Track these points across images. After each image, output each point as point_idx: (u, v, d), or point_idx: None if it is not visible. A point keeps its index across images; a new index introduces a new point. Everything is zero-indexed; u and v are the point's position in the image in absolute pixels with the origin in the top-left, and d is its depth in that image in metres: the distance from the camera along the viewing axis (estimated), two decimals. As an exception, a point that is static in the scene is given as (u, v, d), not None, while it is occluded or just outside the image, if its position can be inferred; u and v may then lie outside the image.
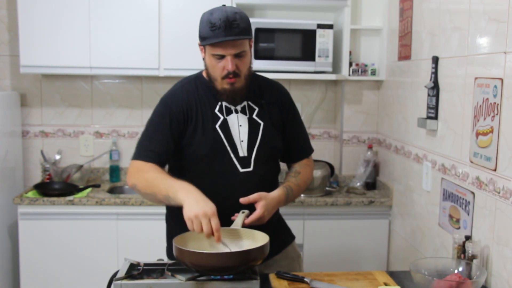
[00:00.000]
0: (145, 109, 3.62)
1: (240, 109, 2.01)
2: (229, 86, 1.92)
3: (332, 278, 1.86)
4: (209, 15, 1.86)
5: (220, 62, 1.88)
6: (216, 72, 1.91)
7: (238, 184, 1.96)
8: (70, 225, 3.12)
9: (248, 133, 1.99)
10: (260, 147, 1.99)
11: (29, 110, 3.58)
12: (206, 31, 1.85)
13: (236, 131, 1.98)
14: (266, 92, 2.07)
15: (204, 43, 1.88)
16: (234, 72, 1.88)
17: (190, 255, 1.60)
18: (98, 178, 3.65)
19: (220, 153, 1.96)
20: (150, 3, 3.22)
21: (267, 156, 2.02)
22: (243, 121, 2.00)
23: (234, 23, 1.82)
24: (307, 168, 2.15)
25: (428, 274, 1.80)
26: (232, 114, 2.00)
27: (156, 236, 3.08)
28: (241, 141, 1.98)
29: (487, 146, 1.99)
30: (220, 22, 1.81)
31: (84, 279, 3.13)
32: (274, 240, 2.00)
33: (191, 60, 3.25)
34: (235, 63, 1.87)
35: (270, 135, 2.02)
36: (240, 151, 1.97)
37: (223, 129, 1.97)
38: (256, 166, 1.98)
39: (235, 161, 1.96)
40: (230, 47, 1.85)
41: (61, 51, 3.20)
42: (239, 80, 1.92)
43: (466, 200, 2.17)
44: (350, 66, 3.40)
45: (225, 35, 1.82)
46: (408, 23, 2.90)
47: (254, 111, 2.02)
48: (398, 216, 3.15)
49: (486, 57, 2.03)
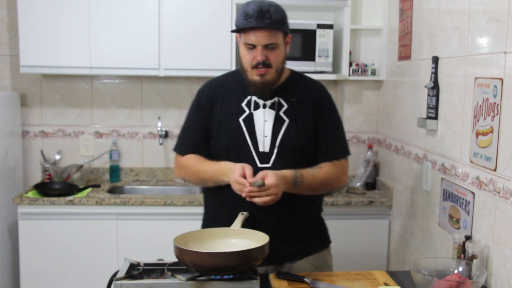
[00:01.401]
0: (145, 109, 3.62)
1: (270, 104, 2.01)
2: (259, 77, 1.93)
3: (332, 278, 1.86)
4: (245, 6, 1.90)
5: (251, 52, 1.91)
6: (246, 62, 1.94)
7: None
8: (70, 225, 3.11)
9: (272, 129, 1.98)
10: (281, 145, 1.97)
11: (29, 110, 3.58)
12: (240, 19, 1.90)
13: (260, 126, 1.98)
14: (300, 90, 2.05)
15: (236, 30, 1.92)
16: (264, 63, 1.90)
17: (190, 255, 1.60)
18: (98, 178, 3.65)
19: (240, 147, 1.97)
20: (150, 3, 3.22)
21: (289, 154, 1.98)
22: (269, 117, 1.99)
23: (267, 13, 1.87)
24: (332, 166, 2.02)
25: (428, 274, 1.80)
26: (260, 109, 2.00)
27: (156, 236, 3.09)
28: (265, 137, 1.98)
29: (487, 146, 1.99)
30: (253, 12, 1.86)
31: (84, 279, 3.12)
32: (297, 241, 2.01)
33: (191, 60, 3.26)
34: (265, 54, 1.90)
35: (292, 133, 1.99)
36: (261, 146, 1.97)
37: (246, 123, 1.98)
38: (276, 163, 1.96)
39: (255, 156, 1.96)
40: (261, 37, 1.88)
41: (61, 51, 3.20)
42: (270, 72, 1.93)
43: (466, 200, 2.17)
44: (350, 66, 3.40)
45: (256, 24, 1.86)
46: (408, 23, 2.90)
47: (282, 108, 2.01)
48: (398, 216, 3.15)
49: (486, 57, 2.03)
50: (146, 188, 3.55)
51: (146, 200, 3.12)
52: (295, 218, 2.02)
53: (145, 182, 3.62)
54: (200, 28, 3.24)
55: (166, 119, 3.63)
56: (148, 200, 3.12)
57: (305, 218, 2.06)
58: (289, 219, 2.00)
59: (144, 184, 3.58)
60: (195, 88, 3.58)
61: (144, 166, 3.67)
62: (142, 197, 3.18)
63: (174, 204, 3.11)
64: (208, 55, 3.26)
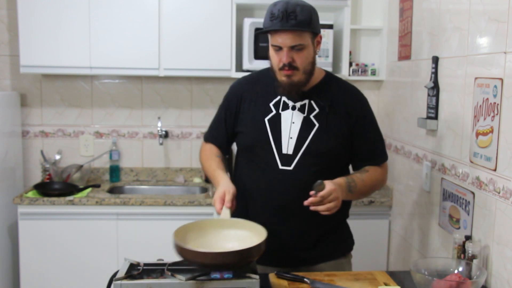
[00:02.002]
0: (145, 109, 3.62)
1: (300, 106, 1.98)
2: (285, 78, 1.90)
3: (332, 278, 1.86)
4: (272, 6, 1.87)
5: (278, 54, 1.89)
6: (274, 63, 1.92)
7: (276, 181, 1.93)
8: (70, 225, 3.12)
9: (299, 131, 1.95)
10: (308, 148, 1.93)
11: (29, 110, 3.58)
12: (267, 20, 1.87)
13: (287, 128, 1.96)
14: (334, 94, 2.00)
15: (262, 31, 1.89)
16: (289, 65, 1.87)
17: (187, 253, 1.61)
18: (98, 178, 3.65)
19: (263, 147, 1.95)
20: (150, 3, 3.22)
21: (314, 159, 1.94)
22: (297, 119, 1.96)
23: (292, 14, 1.81)
24: (377, 169, 2.04)
25: (428, 274, 1.80)
26: (288, 110, 1.97)
27: (156, 236, 3.09)
28: (290, 138, 1.95)
29: (487, 146, 1.99)
30: (278, 13, 1.82)
31: (84, 279, 3.12)
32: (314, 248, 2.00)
33: (191, 60, 3.26)
34: (291, 55, 1.86)
35: (322, 138, 1.94)
36: (284, 147, 1.94)
37: (272, 123, 1.96)
38: (298, 167, 1.93)
39: (277, 156, 1.94)
40: (286, 39, 1.84)
41: (61, 51, 3.21)
42: (297, 74, 1.89)
43: (466, 200, 2.17)
44: (350, 66, 3.40)
45: (281, 26, 1.82)
46: (408, 23, 2.90)
47: (313, 111, 1.97)
48: (398, 216, 3.15)
49: (486, 57, 2.03)
50: (146, 188, 3.55)
51: (146, 200, 3.12)
52: (314, 224, 1.98)
53: (145, 182, 3.62)
54: (200, 28, 3.24)
55: (166, 119, 3.63)
56: (148, 200, 3.12)
57: (325, 224, 2.01)
58: (305, 226, 1.97)
59: (144, 184, 3.58)
60: (195, 88, 3.62)
61: (144, 166, 3.67)
62: (142, 197, 3.18)
63: (174, 204, 3.11)
64: (208, 55, 3.26)
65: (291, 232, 1.94)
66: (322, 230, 2.02)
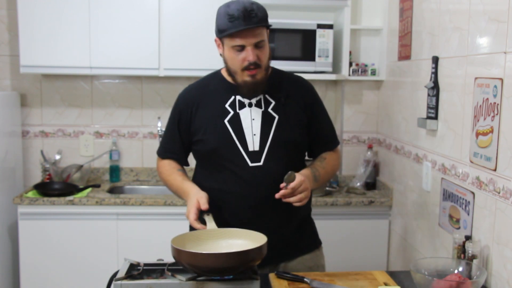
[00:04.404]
0: (145, 109, 3.62)
1: (256, 102, 1.99)
2: (250, 78, 1.91)
3: (332, 278, 1.86)
4: (226, 8, 1.87)
5: (240, 54, 1.88)
6: (236, 65, 1.91)
7: (248, 179, 1.94)
8: (70, 225, 3.12)
9: (261, 126, 1.96)
10: (273, 141, 1.96)
11: (29, 110, 3.58)
12: (224, 23, 1.85)
13: (248, 125, 1.97)
14: (286, 86, 2.04)
15: (224, 34, 1.87)
16: (255, 63, 1.88)
17: (187, 256, 1.60)
18: (98, 178, 3.65)
19: (228, 147, 1.95)
20: (150, 3, 3.22)
21: (282, 151, 1.97)
22: (256, 115, 1.98)
23: (252, 12, 1.84)
24: (332, 155, 2.12)
25: (428, 274, 1.80)
26: (245, 108, 1.98)
27: (156, 236, 3.09)
28: (254, 135, 1.96)
29: (487, 146, 1.99)
30: (238, 13, 1.83)
31: (84, 279, 3.12)
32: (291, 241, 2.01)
33: (191, 60, 3.26)
34: (255, 53, 1.88)
35: (284, 129, 1.98)
36: (250, 145, 1.95)
37: (232, 123, 1.96)
38: (268, 161, 1.95)
39: (245, 155, 1.95)
40: (250, 37, 1.86)
41: (61, 51, 3.21)
42: (260, 71, 1.91)
43: (466, 200, 2.17)
44: (350, 66, 3.40)
45: (245, 25, 1.83)
46: (408, 23, 2.90)
47: (270, 105, 2.00)
48: (398, 216, 3.15)
49: (486, 57, 2.03)
50: (146, 188, 3.55)
51: (146, 200, 3.12)
52: (290, 218, 2.01)
53: (145, 182, 3.62)
54: (200, 28, 3.24)
55: (166, 119, 3.59)
56: (148, 200, 3.12)
57: (298, 217, 2.06)
58: (284, 219, 2.00)
59: (144, 184, 3.58)
60: (195, 88, 3.62)
61: (144, 166, 3.67)
62: (142, 197, 3.18)
63: (174, 204, 3.11)
64: (208, 55, 3.25)
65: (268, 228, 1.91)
66: (296, 223, 2.05)
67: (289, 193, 1.82)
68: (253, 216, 1.95)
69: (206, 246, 1.75)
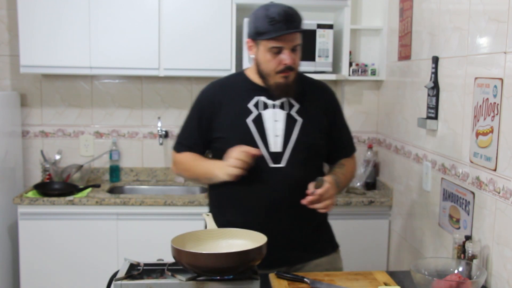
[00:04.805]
0: (145, 109, 3.62)
1: (280, 104, 1.99)
2: (283, 80, 1.92)
3: (332, 278, 1.86)
4: (265, 11, 1.87)
5: (277, 57, 1.89)
6: (270, 67, 1.91)
7: (268, 179, 1.94)
8: (70, 225, 3.12)
9: (284, 128, 1.97)
10: (296, 144, 1.96)
11: (29, 110, 3.58)
12: (264, 25, 1.86)
13: (271, 126, 1.96)
14: (309, 90, 2.06)
15: (265, 37, 1.87)
16: (290, 67, 1.90)
17: (188, 256, 1.60)
18: (98, 178, 3.65)
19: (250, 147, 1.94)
20: (150, 3, 3.22)
21: (303, 154, 1.97)
22: (279, 117, 1.98)
23: (293, 16, 1.88)
24: (351, 162, 2.15)
25: (428, 274, 1.80)
26: (269, 109, 1.98)
27: (156, 236, 3.09)
28: (276, 136, 1.96)
29: (487, 146, 1.99)
30: (279, 16, 1.85)
31: (84, 279, 3.12)
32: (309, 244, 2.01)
33: (191, 60, 3.26)
34: (292, 57, 1.89)
35: (307, 132, 1.98)
36: (272, 146, 1.95)
37: (255, 124, 1.96)
38: (289, 163, 1.95)
39: (267, 156, 1.94)
40: (289, 40, 1.88)
41: (61, 51, 3.21)
42: (293, 75, 1.93)
43: (466, 200, 2.17)
44: (350, 66, 3.40)
45: (287, 28, 1.85)
46: (408, 23, 2.90)
47: (293, 108, 2.00)
48: (398, 216, 3.15)
49: (486, 57, 2.03)
50: (146, 188, 3.55)
51: (146, 200, 3.12)
52: (307, 220, 2.00)
53: (145, 182, 3.62)
54: (200, 28, 3.24)
55: (166, 119, 3.63)
56: (148, 200, 3.12)
57: (315, 220, 2.05)
58: (301, 221, 1.98)
59: (144, 184, 3.59)
60: (195, 88, 3.62)
61: (144, 166, 3.67)
62: (142, 197, 3.18)
63: (174, 204, 3.11)
64: (208, 55, 3.26)
65: (285, 229, 1.94)
66: (313, 226, 2.05)
67: (316, 199, 1.83)
68: (269, 217, 1.94)
69: (206, 246, 1.75)
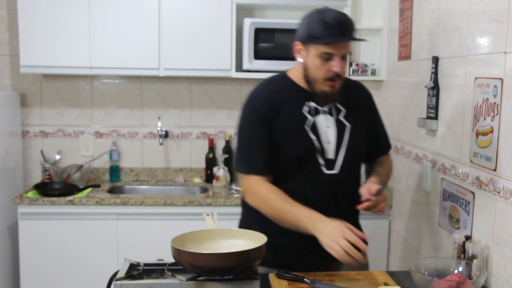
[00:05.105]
0: (145, 109, 3.62)
1: (328, 110, 1.97)
2: (329, 88, 1.89)
3: (332, 278, 1.86)
4: (320, 15, 1.84)
5: (327, 63, 1.86)
6: (319, 73, 1.88)
7: (322, 187, 1.93)
8: (70, 225, 3.12)
9: (335, 135, 1.95)
10: (348, 150, 1.95)
11: (29, 110, 3.58)
12: (319, 30, 1.82)
13: (323, 132, 1.94)
14: (352, 94, 2.04)
15: (319, 41, 1.83)
16: (339, 75, 1.87)
17: (188, 256, 1.60)
18: (98, 178, 3.65)
19: (310, 155, 1.92)
20: (150, 3, 3.22)
21: (353, 159, 1.98)
22: (330, 123, 1.96)
23: (348, 24, 1.84)
24: (388, 159, 2.18)
25: (428, 274, 1.80)
26: (320, 114, 1.95)
27: (156, 236, 3.09)
28: (328, 143, 1.94)
29: (487, 146, 1.99)
30: (335, 22, 1.81)
31: (84, 279, 3.13)
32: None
33: (191, 60, 3.26)
34: (341, 64, 1.86)
35: (357, 137, 1.98)
36: (327, 152, 1.94)
37: (313, 131, 1.93)
38: (343, 170, 1.95)
39: (322, 163, 1.93)
40: (341, 48, 1.84)
41: (61, 51, 3.21)
42: (340, 83, 1.91)
43: (466, 200, 2.17)
44: (350, 66, 3.40)
45: (341, 35, 1.82)
46: (408, 23, 2.90)
47: (341, 113, 1.98)
48: (398, 216, 3.15)
49: (486, 57, 2.03)
50: (146, 188, 3.55)
51: (146, 200, 3.12)
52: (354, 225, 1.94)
53: (145, 182, 3.62)
54: (200, 28, 3.24)
55: (166, 119, 3.63)
56: (148, 200, 3.12)
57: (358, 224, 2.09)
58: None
59: (144, 184, 3.59)
60: (195, 88, 3.62)
61: (144, 166, 3.67)
62: (142, 197, 3.19)
63: (174, 204, 3.11)
64: (208, 55, 3.26)
65: None
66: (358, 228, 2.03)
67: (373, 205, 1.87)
68: None
69: (206, 246, 1.75)
